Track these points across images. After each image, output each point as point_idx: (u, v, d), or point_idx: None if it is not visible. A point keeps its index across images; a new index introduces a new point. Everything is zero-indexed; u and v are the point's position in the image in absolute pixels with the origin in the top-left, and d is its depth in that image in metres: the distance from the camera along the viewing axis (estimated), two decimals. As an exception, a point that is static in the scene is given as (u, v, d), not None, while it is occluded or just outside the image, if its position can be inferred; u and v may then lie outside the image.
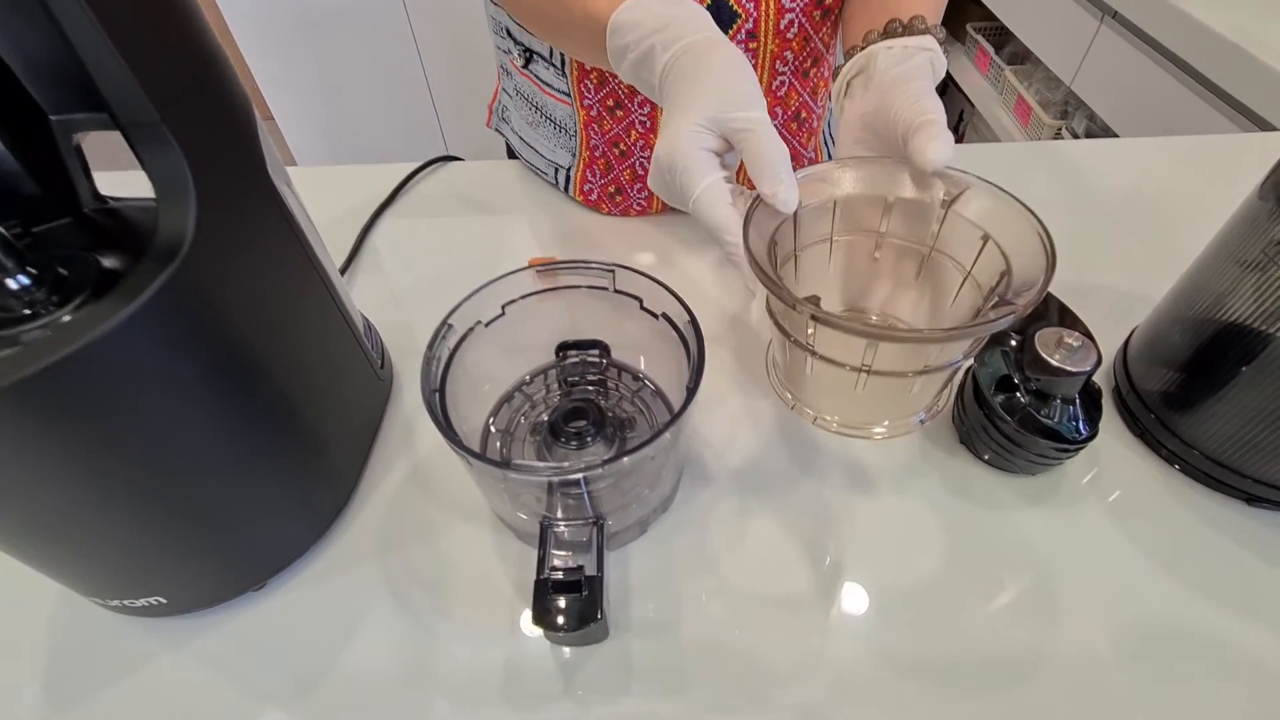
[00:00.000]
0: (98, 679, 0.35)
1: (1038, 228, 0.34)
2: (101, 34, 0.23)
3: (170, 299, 0.26)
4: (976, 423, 0.41)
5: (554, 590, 0.32)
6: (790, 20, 0.51)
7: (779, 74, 0.54)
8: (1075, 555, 0.39)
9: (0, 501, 0.27)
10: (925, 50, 0.40)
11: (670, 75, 0.38)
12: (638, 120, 0.56)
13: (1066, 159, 0.69)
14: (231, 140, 0.30)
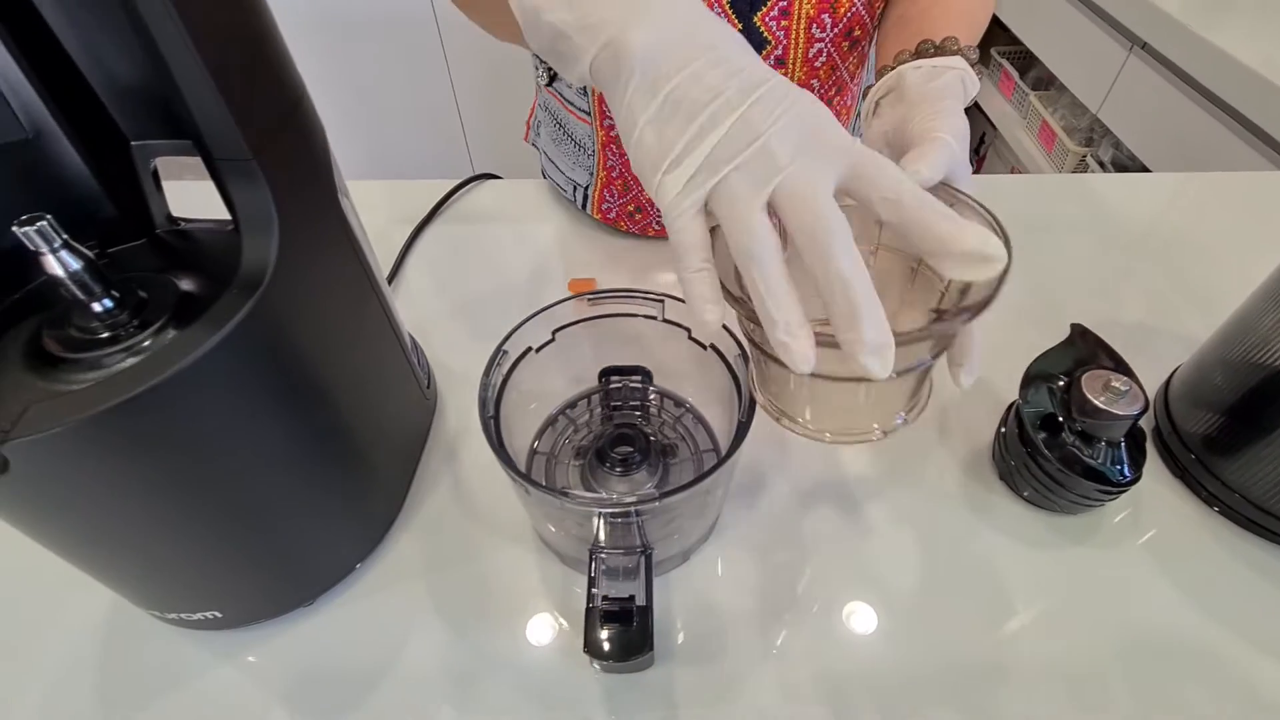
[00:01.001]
0: (150, 689, 0.36)
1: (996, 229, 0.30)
2: (205, 75, 0.24)
3: (251, 327, 0.27)
4: (1019, 460, 0.41)
5: (604, 620, 0.32)
6: (819, 49, 0.51)
7: None
8: (1114, 595, 0.39)
9: (77, 519, 0.28)
10: (954, 69, 0.38)
11: None
12: None
13: (1094, 192, 0.70)
14: (311, 173, 0.31)
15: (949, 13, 0.45)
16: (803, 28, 0.50)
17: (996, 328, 0.54)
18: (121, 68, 0.30)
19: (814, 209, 0.23)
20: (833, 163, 0.24)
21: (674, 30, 0.26)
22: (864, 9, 0.50)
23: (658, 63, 0.25)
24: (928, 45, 0.40)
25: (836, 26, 0.50)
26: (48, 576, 0.39)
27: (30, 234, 0.26)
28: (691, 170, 0.25)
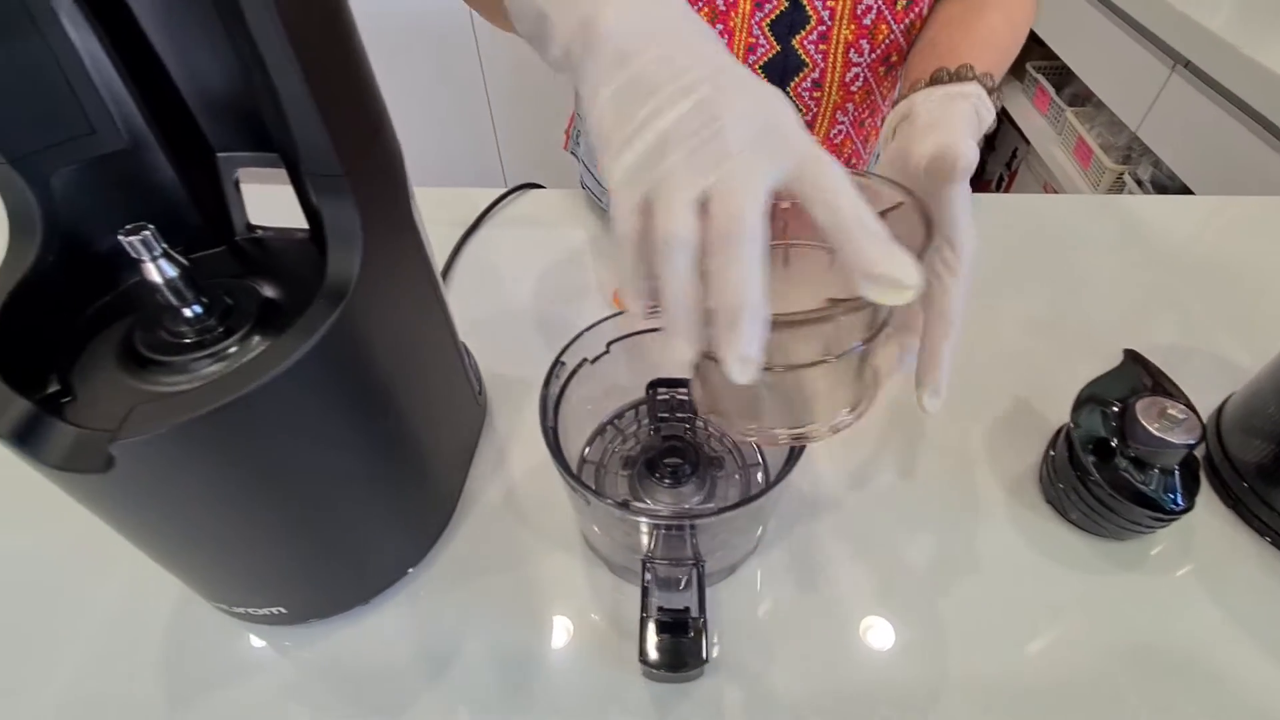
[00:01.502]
0: (214, 679, 0.37)
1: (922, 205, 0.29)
2: (307, 93, 0.25)
3: (334, 336, 0.28)
4: (1068, 483, 0.41)
5: (659, 630, 0.33)
6: (856, 74, 0.52)
7: (838, 123, 0.55)
8: (1161, 623, 0.39)
9: (163, 516, 0.29)
10: (967, 97, 0.36)
11: None
12: None
13: (1132, 213, 0.69)
14: (391, 190, 0.32)
15: (974, 40, 0.45)
16: (840, 52, 0.50)
17: (1041, 351, 0.54)
18: (215, 82, 0.32)
19: (738, 207, 0.22)
20: (780, 160, 0.23)
21: (648, 14, 0.26)
22: (902, 36, 0.50)
23: (627, 40, 0.25)
24: (943, 72, 0.39)
25: (874, 52, 0.50)
26: (118, 568, 0.41)
27: (134, 243, 0.27)
28: (642, 150, 0.23)
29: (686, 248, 0.22)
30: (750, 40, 0.49)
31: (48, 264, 0.30)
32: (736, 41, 0.50)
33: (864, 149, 0.59)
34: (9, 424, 0.25)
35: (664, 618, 0.33)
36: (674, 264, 0.23)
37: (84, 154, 0.30)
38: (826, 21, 0.49)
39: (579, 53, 0.26)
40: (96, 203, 0.31)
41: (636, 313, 0.26)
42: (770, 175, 0.23)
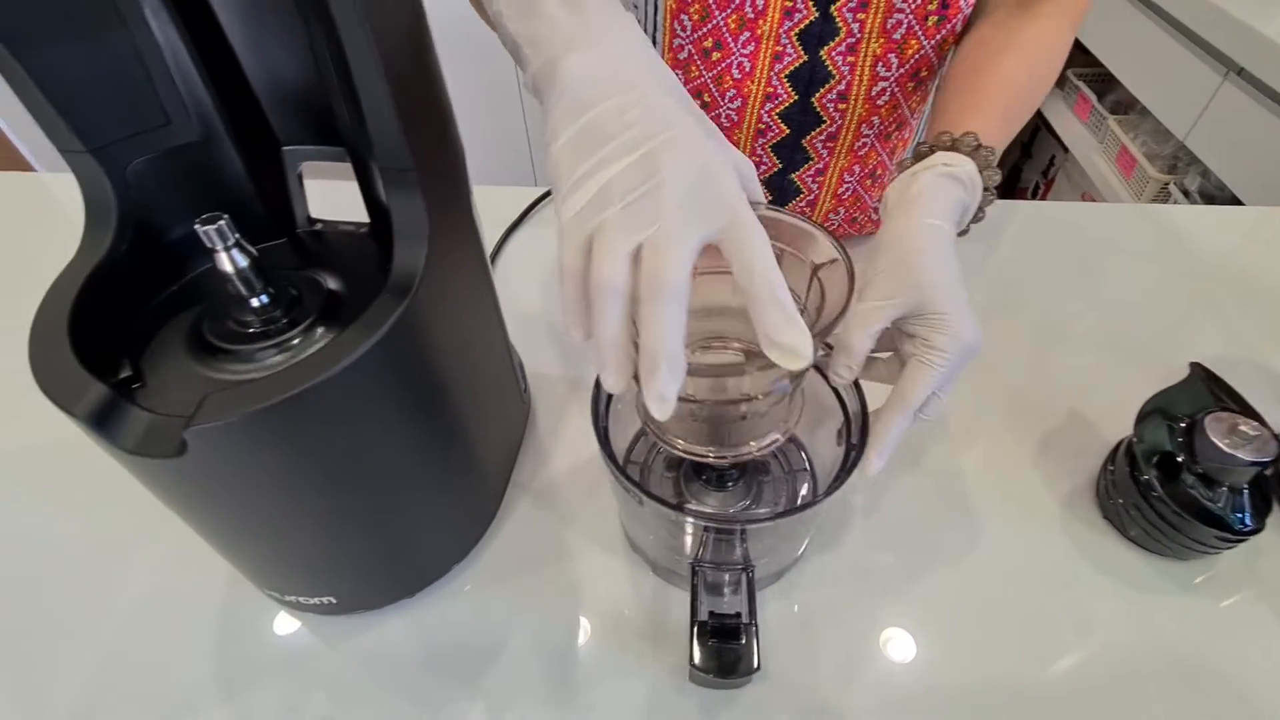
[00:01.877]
0: (262, 665, 0.37)
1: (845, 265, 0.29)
2: (386, 89, 0.25)
3: (399, 330, 0.28)
4: (1128, 498, 0.40)
5: (712, 635, 0.32)
6: (884, 89, 0.51)
7: (863, 136, 0.54)
8: (1224, 649, 0.37)
9: (226, 503, 0.30)
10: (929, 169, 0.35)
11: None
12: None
13: (1176, 223, 0.67)
14: (455, 187, 0.32)
15: (976, 95, 0.42)
16: (868, 65, 0.49)
17: (1090, 363, 0.53)
18: (286, 76, 0.32)
19: (664, 265, 0.24)
20: (709, 219, 0.25)
21: (606, 63, 0.27)
22: (933, 52, 0.49)
23: (585, 89, 0.27)
24: (924, 146, 0.39)
25: (903, 67, 0.49)
26: (168, 553, 0.42)
27: (210, 232, 0.27)
28: (588, 197, 0.25)
29: (618, 295, 0.25)
30: (777, 49, 0.49)
31: (121, 252, 0.30)
32: (764, 50, 0.49)
33: (889, 160, 0.58)
34: (86, 407, 0.25)
35: (715, 622, 0.33)
36: (606, 309, 0.25)
37: (159, 145, 0.31)
38: (856, 34, 0.48)
39: (544, 89, 0.29)
40: (167, 193, 0.32)
41: (578, 339, 0.27)
42: (699, 234, 0.24)
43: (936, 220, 0.34)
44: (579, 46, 0.27)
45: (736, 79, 0.51)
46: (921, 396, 0.32)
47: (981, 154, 0.37)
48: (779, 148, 0.54)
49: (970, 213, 0.37)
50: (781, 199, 0.58)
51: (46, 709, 0.36)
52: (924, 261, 0.32)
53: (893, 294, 0.32)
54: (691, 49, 0.51)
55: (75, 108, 0.28)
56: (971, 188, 0.36)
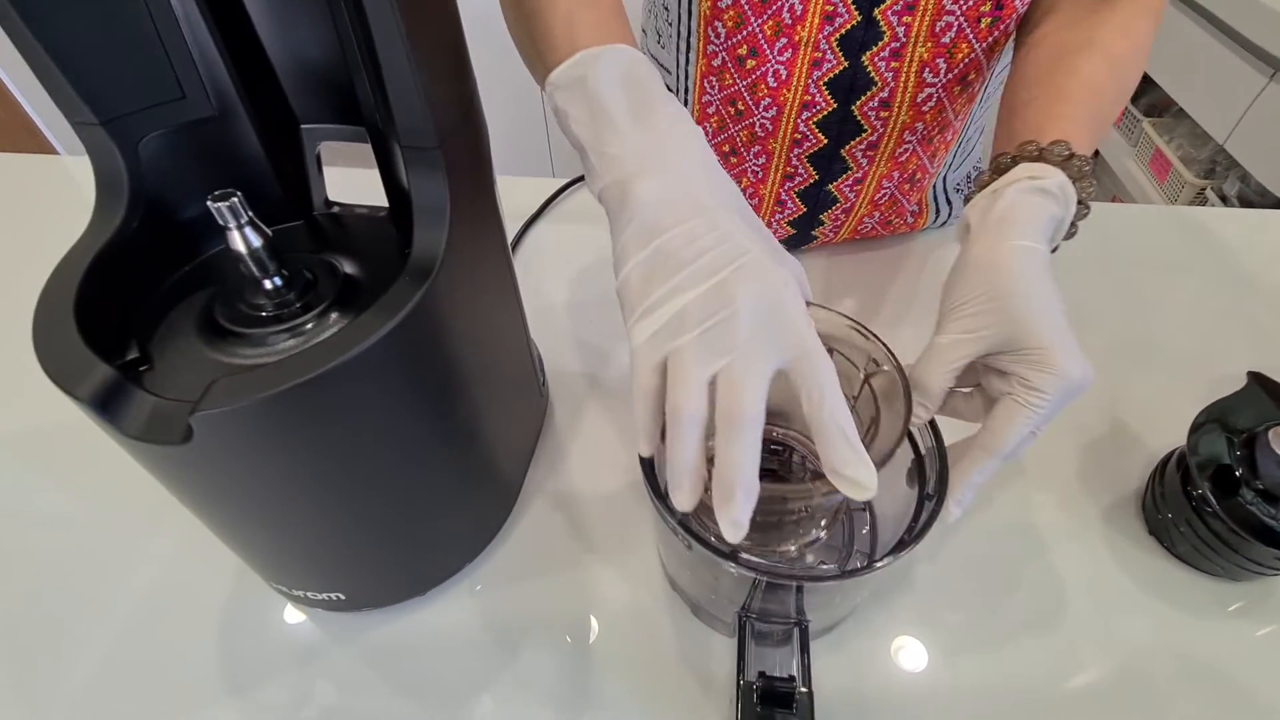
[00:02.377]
0: (269, 660, 0.36)
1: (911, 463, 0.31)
2: (413, 64, 0.23)
3: (418, 315, 0.27)
4: (1178, 514, 0.38)
5: (762, 700, 0.29)
6: (930, 94, 0.48)
7: (905, 142, 0.51)
8: (1275, 676, 0.35)
9: (233, 492, 0.29)
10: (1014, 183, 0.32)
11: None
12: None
13: (1214, 227, 0.64)
14: (477, 167, 0.31)
15: (1057, 99, 0.37)
16: (914, 71, 0.46)
17: (1129, 372, 0.50)
18: (306, 52, 0.31)
19: (741, 397, 0.25)
20: (781, 350, 0.25)
21: (677, 187, 0.28)
22: (983, 55, 0.46)
23: (657, 214, 0.27)
24: (1004, 158, 0.35)
25: (951, 72, 0.47)
26: (177, 544, 0.41)
27: (222, 209, 0.26)
28: (662, 321, 0.26)
29: (696, 423, 0.25)
30: (816, 55, 0.46)
31: (132, 229, 0.29)
32: (801, 56, 0.46)
33: (930, 164, 0.55)
34: (90, 389, 0.24)
35: (764, 685, 0.29)
36: (684, 436, 0.25)
37: (173, 119, 0.30)
38: (901, 39, 0.45)
39: (614, 207, 0.29)
40: (181, 170, 0.31)
41: (648, 454, 0.29)
42: (772, 365, 0.25)
43: (1028, 241, 0.30)
44: (650, 170, 0.28)
45: (772, 87, 0.48)
46: (1014, 441, 0.29)
47: (1074, 164, 0.33)
48: (816, 158, 0.52)
49: (1064, 229, 0.34)
50: (816, 209, 0.56)
51: (53, 698, 0.35)
52: (1017, 289, 0.29)
53: (978, 327, 0.30)
54: (725, 56, 0.49)
55: (88, 78, 0.27)
56: (1064, 201, 0.33)
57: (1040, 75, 0.40)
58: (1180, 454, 0.38)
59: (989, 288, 0.30)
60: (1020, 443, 0.29)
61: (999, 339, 0.29)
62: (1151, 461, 0.43)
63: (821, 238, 0.59)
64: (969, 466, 0.30)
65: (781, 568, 0.29)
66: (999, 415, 0.29)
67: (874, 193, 0.55)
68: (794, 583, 0.30)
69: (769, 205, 0.56)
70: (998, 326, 0.29)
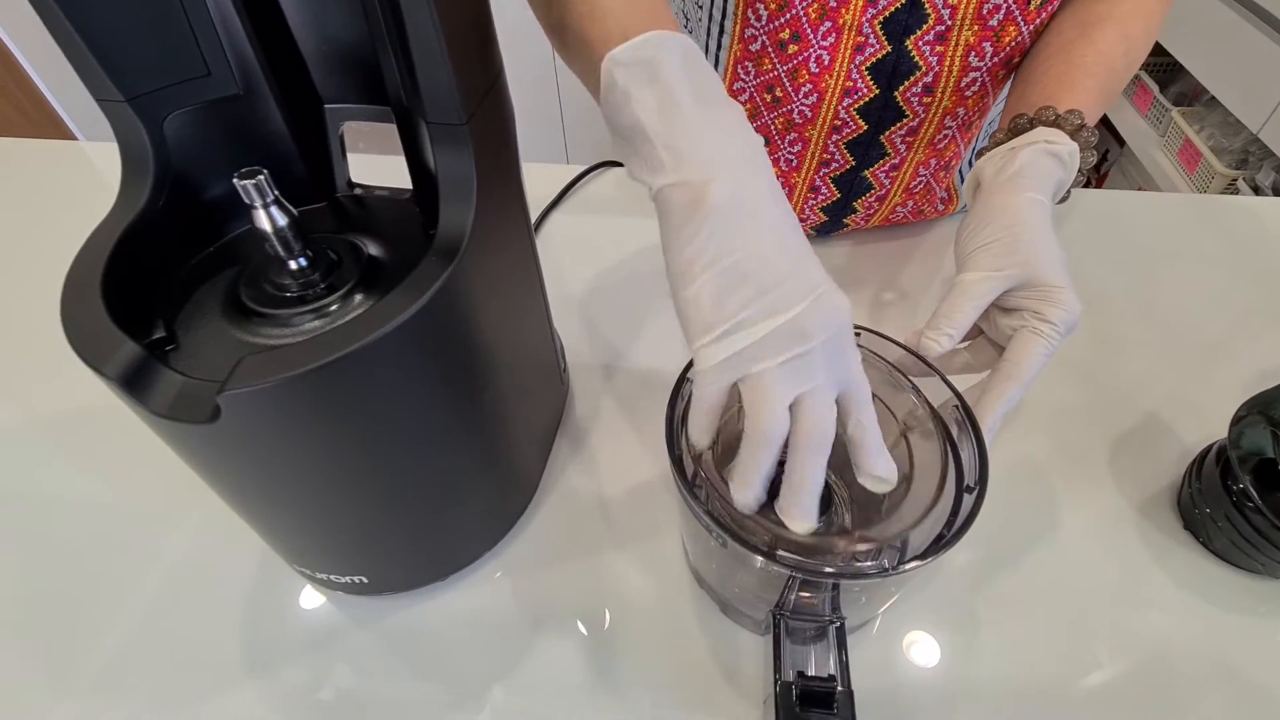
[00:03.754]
0: (291, 642, 0.36)
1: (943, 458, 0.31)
2: (440, 38, 0.23)
3: (444, 295, 0.26)
4: (1217, 507, 0.37)
5: (801, 702, 0.28)
6: (974, 78, 0.47)
7: (946, 128, 0.50)
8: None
9: (258, 473, 0.28)
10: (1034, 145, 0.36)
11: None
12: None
13: (1250, 216, 0.62)
14: (503, 145, 0.30)
15: (1073, 69, 0.40)
16: (959, 55, 0.45)
17: (1159, 361, 0.49)
18: (331, 29, 0.30)
19: (822, 424, 0.27)
20: (841, 380, 0.28)
21: (749, 201, 0.27)
22: (1030, 38, 0.45)
23: (729, 229, 0.27)
24: (1022, 120, 0.38)
25: (997, 56, 0.45)
26: (201, 525, 0.41)
27: (248, 186, 0.26)
28: (739, 347, 0.27)
29: (777, 442, 0.27)
30: (859, 40, 0.45)
31: (157, 208, 0.29)
32: (845, 41, 0.45)
33: (965, 149, 0.54)
34: (117, 367, 0.24)
35: (803, 685, 0.29)
36: (764, 453, 0.27)
37: (198, 97, 0.29)
38: (946, 21, 0.43)
39: (680, 210, 0.28)
40: (205, 149, 0.30)
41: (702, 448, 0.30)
42: (836, 392, 0.28)
43: (1039, 195, 0.34)
44: (723, 178, 0.27)
45: (814, 73, 0.47)
46: (1036, 368, 0.32)
47: (1083, 135, 0.37)
48: (854, 145, 0.51)
49: (1061, 191, 0.37)
50: (850, 196, 0.55)
51: (78, 675, 0.35)
52: (1034, 235, 0.33)
53: (1004, 265, 0.33)
54: (766, 40, 0.47)
55: (114, 55, 0.27)
56: (1070, 168, 0.36)
57: (1059, 43, 0.43)
58: (1220, 447, 0.37)
59: (1009, 232, 0.33)
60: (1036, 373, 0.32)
61: (1019, 277, 0.33)
62: (1186, 455, 0.42)
63: (853, 224, 0.58)
64: (996, 396, 0.32)
65: (821, 565, 0.28)
66: (1018, 347, 0.32)
67: (910, 180, 0.54)
68: (833, 580, 0.29)
69: (802, 192, 0.55)
70: (1019, 265, 0.33)
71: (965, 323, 0.33)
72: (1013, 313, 0.33)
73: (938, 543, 0.27)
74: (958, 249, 0.36)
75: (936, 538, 0.28)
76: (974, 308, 0.33)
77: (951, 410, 0.32)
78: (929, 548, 0.27)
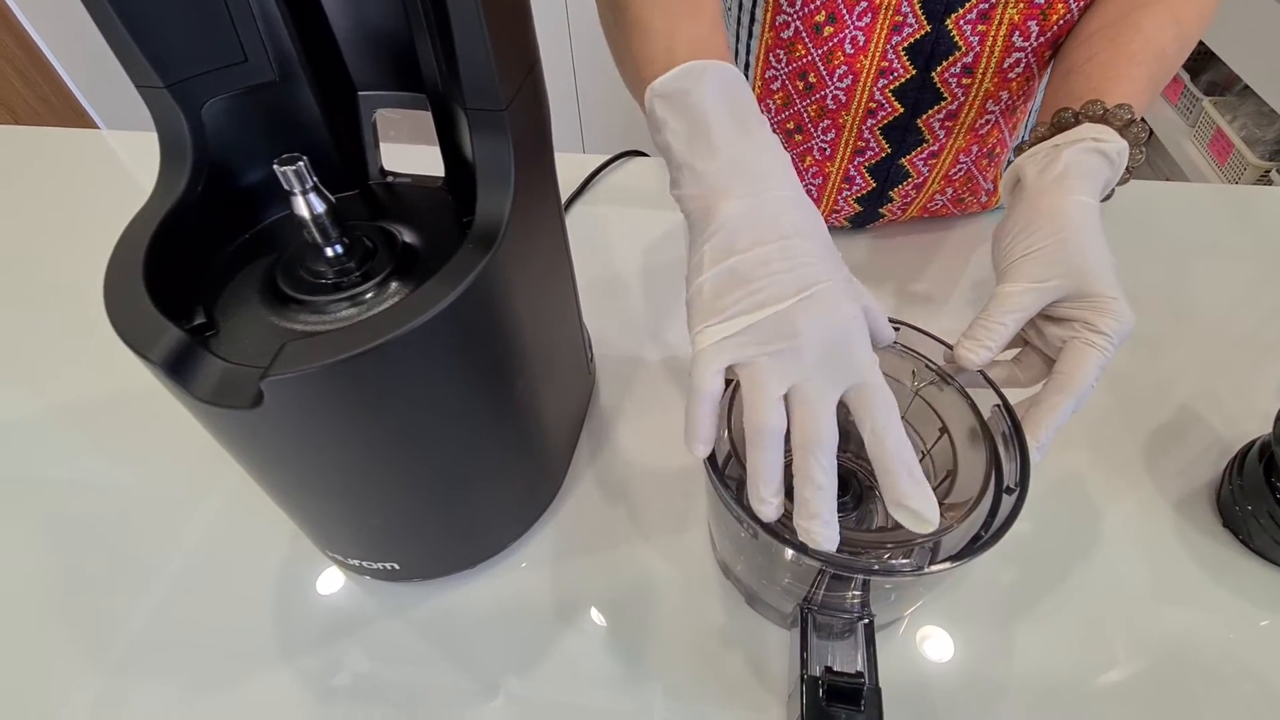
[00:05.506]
0: (323, 626, 0.37)
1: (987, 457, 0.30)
2: (482, 23, 0.23)
3: (482, 282, 0.26)
4: (1259, 504, 0.36)
5: (829, 697, 0.28)
6: (1018, 59, 0.45)
7: (988, 112, 0.49)
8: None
9: (296, 459, 0.29)
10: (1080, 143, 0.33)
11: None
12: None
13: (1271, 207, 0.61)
14: (538, 132, 0.30)
15: (1120, 58, 0.38)
16: (1002, 34, 0.44)
17: (1195, 355, 0.48)
18: (367, 16, 0.30)
19: (816, 419, 0.26)
20: (844, 379, 0.27)
21: (760, 212, 0.29)
22: (1078, 15, 0.43)
23: (735, 234, 0.28)
24: (1067, 114, 0.36)
25: (1043, 35, 0.44)
26: (231, 508, 0.41)
27: (288, 173, 0.26)
28: (728, 333, 0.27)
29: (776, 436, 0.27)
30: (897, 19, 0.44)
31: (196, 194, 0.29)
32: (881, 21, 0.44)
33: (1009, 136, 0.53)
34: (162, 352, 0.24)
35: (830, 680, 0.28)
36: (764, 448, 0.27)
37: (235, 84, 0.29)
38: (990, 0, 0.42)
39: (697, 220, 0.30)
40: (243, 136, 0.31)
41: (700, 456, 0.29)
42: (837, 390, 0.27)
43: (1087, 198, 0.32)
44: (736, 193, 0.29)
45: (849, 54, 0.46)
46: (1089, 381, 0.30)
47: (1132, 131, 0.34)
48: (890, 129, 0.49)
49: (1107, 191, 0.34)
50: (886, 185, 0.53)
51: (106, 652, 0.36)
52: (1084, 242, 0.31)
53: (1049, 276, 0.31)
54: (800, 25, 0.47)
55: (154, 41, 0.27)
56: (1118, 166, 0.34)
57: (1104, 28, 0.40)
58: (1264, 443, 0.37)
59: (1056, 239, 0.31)
60: (1089, 389, 0.30)
61: (1066, 289, 0.31)
62: (1226, 451, 0.41)
63: (889, 215, 0.57)
64: (1047, 410, 0.30)
65: (853, 560, 0.28)
66: (1071, 358, 0.30)
67: (949, 167, 0.52)
68: (865, 576, 0.29)
69: (835, 182, 0.54)
70: (1066, 276, 0.31)
71: (1004, 336, 0.31)
72: (1062, 323, 0.32)
73: (974, 542, 0.27)
74: (996, 255, 0.34)
75: (973, 538, 0.27)
76: (1014, 320, 0.31)
77: (993, 409, 0.31)
78: (964, 548, 0.27)
